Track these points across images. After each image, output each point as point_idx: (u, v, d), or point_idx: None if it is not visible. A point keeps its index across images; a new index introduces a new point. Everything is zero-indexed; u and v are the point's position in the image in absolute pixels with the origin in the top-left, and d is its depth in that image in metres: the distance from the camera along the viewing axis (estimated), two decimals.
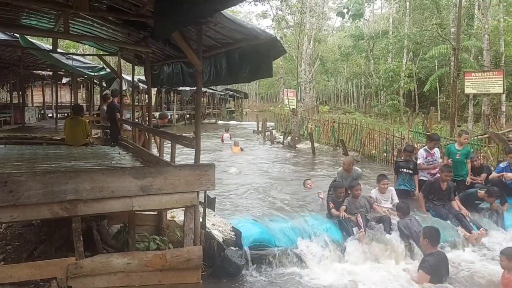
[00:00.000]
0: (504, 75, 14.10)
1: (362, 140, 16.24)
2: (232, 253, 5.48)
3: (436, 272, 5.37)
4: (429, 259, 5.44)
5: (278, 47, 4.18)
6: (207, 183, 4.47)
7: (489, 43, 19.98)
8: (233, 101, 49.63)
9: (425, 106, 31.19)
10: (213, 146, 18.18)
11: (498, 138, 11.91)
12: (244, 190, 9.84)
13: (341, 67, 45.38)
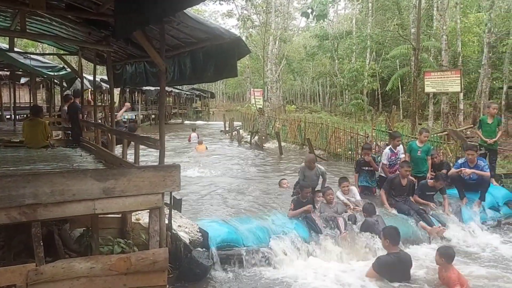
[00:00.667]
0: (461, 74, 14.65)
1: (328, 139, 16.49)
2: (199, 254, 5.45)
3: (386, 272, 5.38)
4: (383, 258, 5.49)
5: (242, 46, 4.18)
6: (172, 184, 4.41)
7: (447, 44, 20.68)
8: (199, 100, 49.24)
9: (388, 105, 31.97)
10: (179, 147, 18.00)
11: (457, 135, 12.37)
12: (211, 191, 9.80)
13: (306, 66, 45.88)
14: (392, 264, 5.37)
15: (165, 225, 4.92)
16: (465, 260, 6.41)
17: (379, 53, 32.43)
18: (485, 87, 21.09)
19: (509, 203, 8.69)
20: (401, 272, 5.44)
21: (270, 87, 25.60)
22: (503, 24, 24.58)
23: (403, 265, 5.45)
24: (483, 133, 9.18)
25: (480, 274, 5.82)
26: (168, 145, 17.34)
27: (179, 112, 40.33)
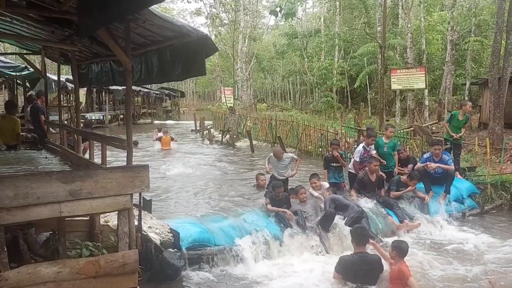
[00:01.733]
0: (426, 71, 15.00)
1: (298, 136, 16.62)
2: (170, 255, 5.41)
3: (349, 273, 5.21)
4: (345, 258, 5.32)
5: (210, 45, 4.16)
6: (141, 184, 4.34)
7: (412, 41, 21.21)
8: (169, 100, 48.63)
9: (357, 102, 32.53)
10: (149, 147, 17.74)
11: (422, 130, 12.70)
12: (183, 190, 9.71)
13: (277, 65, 46.09)
14: (354, 264, 5.17)
15: (135, 226, 4.86)
16: (432, 251, 6.61)
17: (347, 51, 32.94)
18: (449, 83, 21.75)
19: (473, 195, 9.01)
20: (366, 275, 5.19)
21: (240, 85, 25.61)
22: (464, 22, 25.40)
23: (367, 267, 5.20)
24: (451, 127, 9.45)
25: (446, 265, 6.02)
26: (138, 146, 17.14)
27: (148, 112, 39.72)
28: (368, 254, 5.35)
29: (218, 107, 29.97)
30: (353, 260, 5.21)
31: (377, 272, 5.24)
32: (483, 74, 23.65)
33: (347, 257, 5.33)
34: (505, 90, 14.62)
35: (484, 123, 19.36)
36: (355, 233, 5.46)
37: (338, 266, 5.25)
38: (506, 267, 5.91)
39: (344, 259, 5.27)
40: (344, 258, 5.30)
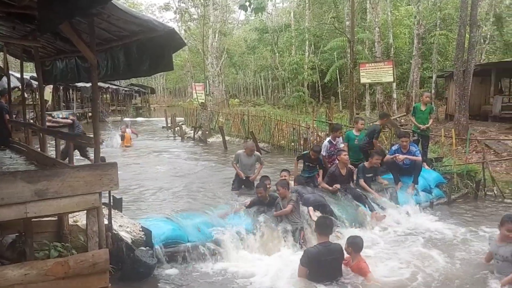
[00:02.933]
0: (393, 65, 15.32)
1: (271, 131, 16.69)
2: (142, 253, 5.34)
3: (314, 266, 5.06)
4: (310, 250, 5.20)
5: (177, 39, 4.11)
6: (110, 183, 4.27)
7: (380, 36, 21.60)
8: (139, 96, 47.85)
9: (328, 96, 32.87)
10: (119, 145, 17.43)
11: (391, 123, 12.96)
12: (155, 188, 9.59)
13: (248, 60, 46.03)
14: (319, 255, 5.05)
15: (105, 225, 4.77)
16: (402, 240, 6.78)
17: (317, 45, 33.20)
18: (416, 76, 22.27)
19: (440, 185, 9.27)
20: (331, 264, 5.13)
21: (212, 81, 25.46)
22: (430, 17, 26.01)
23: (332, 257, 5.14)
24: (417, 119, 9.70)
25: (414, 254, 6.18)
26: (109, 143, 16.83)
27: (117, 109, 38.98)
28: (331, 243, 5.26)
29: (190, 103, 29.66)
30: (318, 251, 5.09)
31: (340, 260, 5.24)
32: (449, 67, 24.33)
33: (312, 248, 5.21)
34: (470, 83, 15.10)
35: (450, 115, 19.96)
36: (320, 223, 5.40)
37: (303, 258, 5.10)
38: (472, 255, 6.11)
39: (309, 251, 5.15)
40: (309, 250, 5.18)
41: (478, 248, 6.31)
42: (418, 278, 5.31)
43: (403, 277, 5.37)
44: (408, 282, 5.26)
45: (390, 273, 5.45)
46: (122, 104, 41.48)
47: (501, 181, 10.22)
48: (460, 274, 5.46)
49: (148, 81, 62.72)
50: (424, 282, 5.23)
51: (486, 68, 20.41)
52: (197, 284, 5.23)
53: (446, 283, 5.22)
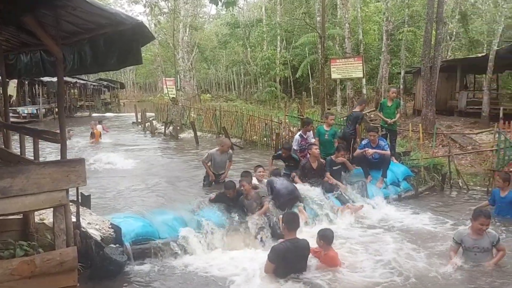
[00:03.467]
0: (363, 61, 15.53)
1: (243, 127, 16.68)
2: (112, 251, 5.25)
3: (282, 261, 5.02)
4: (278, 246, 5.15)
5: (145, 33, 4.03)
6: (77, 179, 4.17)
7: (350, 32, 21.86)
8: (108, 91, 46.91)
9: (300, 91, 33.15)
10: (85, 140, 17.06)
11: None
12: (125, 185, 9.44)
13: (220, 55, 45.81)
14: (287, 251, 5.03)
15: (73, 223, 4.67)
16: (372, 232, 6.93)
17: (289, 41, 33.37)
18: (385, 72, 22.67)
19: (408, 178, 9.50)
20: (297, 260, 5.15)
21: (183, 76, 25.15)
22: (399, 13, 26.52)
23: (299, 253, 5.16)
24: (384, 115, 9.89)
25: (385, 244, 6.32)
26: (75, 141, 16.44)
27: (86, 105, 38.10)
28: (299, 239, 5.24)
29: (160, 98, 29.31)
30: (286, 247, 5.06)
31: (306, 256, 5.25)
32: (417, 63, 24.92)
33: (280, 245, 5.16)
34: (436, 78, 15.53)
35: (418, 110, 20.47)
36: (287, 219, 5.31)
37: (271, 254, 5.03)
38: (439, 245, 6.31)
39: (277, 248, 5.09)
40: (277, 247, 5.13)
41: (444, 238, 6.52)
42: (390, 269, 5.43)
43: (375, 269, 5.47)
44: (380, 272, 5.37)
45: (362, 266, 5.55)
46: (91, 99, 40.57)
47: (466, 173, 10.57)
48: (428, 262, 5.62)
49: (118, 76, 61.59)
50: (395, 272, 5.35)
51: (452, 64, 21.02)
52: (168, 281, 5.19)
53: (418, 272, 5.36)
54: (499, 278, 5.14)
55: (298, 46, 31.12)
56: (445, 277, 5.19)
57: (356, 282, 5.13)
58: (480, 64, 19.27)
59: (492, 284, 4.99)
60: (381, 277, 5.24)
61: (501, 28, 19.06)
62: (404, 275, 5.24)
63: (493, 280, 5.11)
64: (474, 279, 5.14)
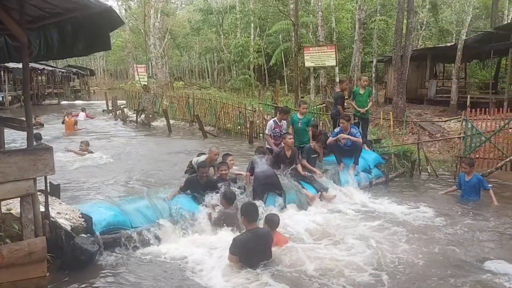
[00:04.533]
0: (336, 49, 15.66)
1: (217, 115, 16.59)
2: (83, 241, 5.17)
3: (244, 253, 4.98)
4: (238, 238, 5.09)
5: (114, 17, 3.94)
6: (45, 168, 4.07)
7: (323, 20, 21.92)
8: (78, 79, 45.65)
9: (274, 80, 33.16)
10: (58, 131, 16.62)
11: (330, 105, 13.31)
12: (96, 174, 9.29)
13: (192, 41, 45.20)
14: (249, 242, 4.98)
15: (41, 213, 4.56)
16: (343, 217, 7.07)
17: (263, 28, 33.23)
18: (357, 61, 22.90)
19: (379, 165, 9.69)
20: (261, 249, 5.09)
21: (155, 63, 24.74)
22: (371, 2, 26.72)
23: (262, 242, 5.12)
24: (356, 103, 10.00)
25: (357, 229, 6.48)
26: (46, 130, 15.99)
27: (54, 92, 36.98)
28: (259, 228, 5.24)
29: (132, 86, 28.76)
30: (247, 238, 5.02)
31: (269, 244, 5.21)
32: (388, 52, 25.27)
33: (240, 236, 5.11)
34: (407, 67, 15.79)
35: (390, 98, 20.82)
36: (245, 211, 5.25)
37: (232, 247, 4.97)
38: (408, 227, 6.50)
39: (238, 239, 5.03)
40: (238, 239, 5.05)
41: (413, 221, 6.79)
42: (364, 253, 5.58)
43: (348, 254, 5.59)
44: (353, 255, 5.52)
45: (335, 252, 5.66)
46: (59, 86, 39.38)
47: (435, 160, 10.87)
48: (400, 245, 5.81)
49: (87, 63, 60.07)
50: (369, 255, 5.51)
51: (422, 53, 21.41)
52: (140, 270, 5.13)
53: (389, 254, 5.53)
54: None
55: (272, 34, 31.03)
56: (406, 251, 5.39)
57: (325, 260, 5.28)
58: (449, 53, 19.71)
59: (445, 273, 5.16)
60: (352, 257, 5.40)
61: (469, 18, 19.54)
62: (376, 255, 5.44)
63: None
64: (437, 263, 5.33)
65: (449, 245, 5.78)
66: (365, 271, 5.02)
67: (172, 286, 4.78)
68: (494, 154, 9.51)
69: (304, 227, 6.52)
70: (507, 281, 4.76)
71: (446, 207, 7.51)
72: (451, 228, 6.44)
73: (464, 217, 6.99)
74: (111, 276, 4.98)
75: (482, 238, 6.11)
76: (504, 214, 7.07)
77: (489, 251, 5.67)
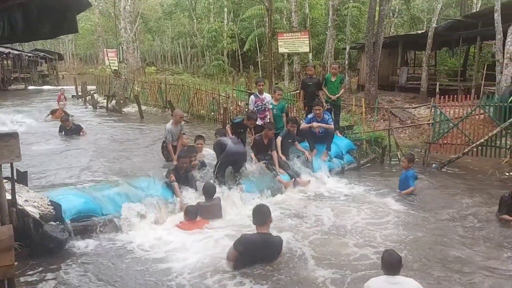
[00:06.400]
0: (309, 35, 15.64)
1: (190, 101, 16.41)
2: (52, 228, 5.08)
3: (247, 252, 4.70)
4: (247, 236, 4.80)
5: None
6: (11, 154, 3.92)
7: (297, 5, 21.86)
8: (45, 63, 44.14)
9: (248, 66, 32.99)
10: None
11: None
12: (65, 161, 9.04)
13: (165, 26, 44.32)
14: (254, 245, 4.72)
15: (8, 200, 4.42)
16: (316, 203, 7.19)
17: (236, 13, 32.90)
18: (331, 48, 22.96)
19: (351, 151, 9.84)
20: (265, 258, 4.82)
21: (126, 47, 24.16)
22: None
23: (270, 250, 4.85)
24: (328, 90, 10.06)
25: (328, 211, 6.66)
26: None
27: (21, 77, 35.67)
28: (272, 236, 4.92)
29: (102, 71, 28.07)
30: (254, 240, 4.74)
31: (277, 254, 4.92)
32: (361, 39, 25.48)
33: (250, 235, 4.81)
34: (379, 54, 15.99)
35: (362, 85, 21.08)
36: (254, 213, 4.92)
37: (237, 243, 4.70)
38: (379, 209, 6.70)
39: (246, 237, 4.76)
40: (246, 236, 4.78)
41: (382, 203, 7.06)
42: (339, 233, 5.84)
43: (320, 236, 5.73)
44: (327, 233, 5.80)
45: (308, 234, 5.78)
46: (26, 71, 37.96)
47: (405, 146, 11.12)
48: (370, 223, 5.98)
49: (55, 47, 58.13)
50: (343, 233, 5.79)
51: (394, 40, 21.72)
52: (110, 258, 5.07)
53: (359, 229, 5.84)
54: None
55: (245, 19, 30.76)
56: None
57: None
58: (420, 40, 20.06)
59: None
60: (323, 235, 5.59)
61: (440, 6, 19.87)
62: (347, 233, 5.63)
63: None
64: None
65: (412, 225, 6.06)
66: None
67: (141, 273, 4.75)
68: (462, 140, 9.78)
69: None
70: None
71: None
72: (416, 212, 6.75)
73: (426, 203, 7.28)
74: (81, 263, 4.92)
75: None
76: (460, 200, 7.35)
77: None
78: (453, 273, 4.73)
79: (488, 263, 4.96)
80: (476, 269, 4.81)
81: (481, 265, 4.91)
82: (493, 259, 5.07)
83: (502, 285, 4.50)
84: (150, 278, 4.63)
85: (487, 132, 9.62)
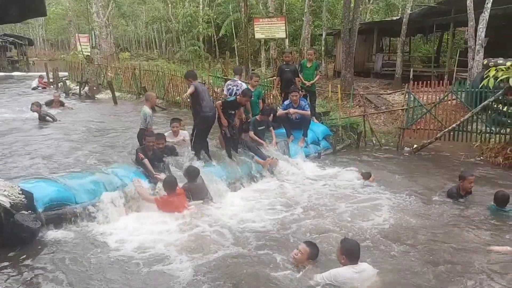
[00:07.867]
0: (286, 21, 15.59)
1: (165, 87, 16.18)
2: (24, 218, 4.97)
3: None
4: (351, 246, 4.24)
5: None
6: None
7: None
8: (15, 49, 42.64)
9: (224, 51, 32.65)
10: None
11: None
12: (38, 148, 8.83)
13: (139, 10, 43.30)
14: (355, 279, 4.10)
15: None
16: (294, 186, 7.30)
17: None
18: (307, 34, 22.93)
19: (327, 137, 9.92)
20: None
21: (98, 32, 23.58)
22: None
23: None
24: (304, 76, 10.04)
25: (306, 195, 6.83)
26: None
27: None
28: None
29: (74, 56, 27.33)
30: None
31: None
32: (337, 25, 25.49)
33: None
34: (355, 40, 16.02)
35: (338, 72, 21.14)
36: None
37: (344, 245, 4.24)
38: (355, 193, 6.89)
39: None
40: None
41: (356, 187, 7.30)
42: (316, 215, 5.99)
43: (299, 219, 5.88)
44: (303, 217, 5.91)
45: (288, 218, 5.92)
46: None
47: (379, 132, 11.27)
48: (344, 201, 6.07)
49: (25, 32, 56.26)
50: (317, 215, 5.97)
51: (369, 27, 21.78)
52: (84, 247, 5.00)
53: (335, 213, 5.96)
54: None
55: (221, 4, 30.35)
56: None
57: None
58: (395, 27, 20.20)
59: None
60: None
61: None
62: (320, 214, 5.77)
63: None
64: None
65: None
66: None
67: (115, 263, 4.69)
68: (434, 125, 9.97)
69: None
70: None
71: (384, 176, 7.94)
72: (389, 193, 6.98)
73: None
74: (53, 252, 4.84)
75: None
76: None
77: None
78: (408, 247, 5.06)
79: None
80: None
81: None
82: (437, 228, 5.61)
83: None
84: (127, 268, 4.57)
85: (459, 117, 9.82)
